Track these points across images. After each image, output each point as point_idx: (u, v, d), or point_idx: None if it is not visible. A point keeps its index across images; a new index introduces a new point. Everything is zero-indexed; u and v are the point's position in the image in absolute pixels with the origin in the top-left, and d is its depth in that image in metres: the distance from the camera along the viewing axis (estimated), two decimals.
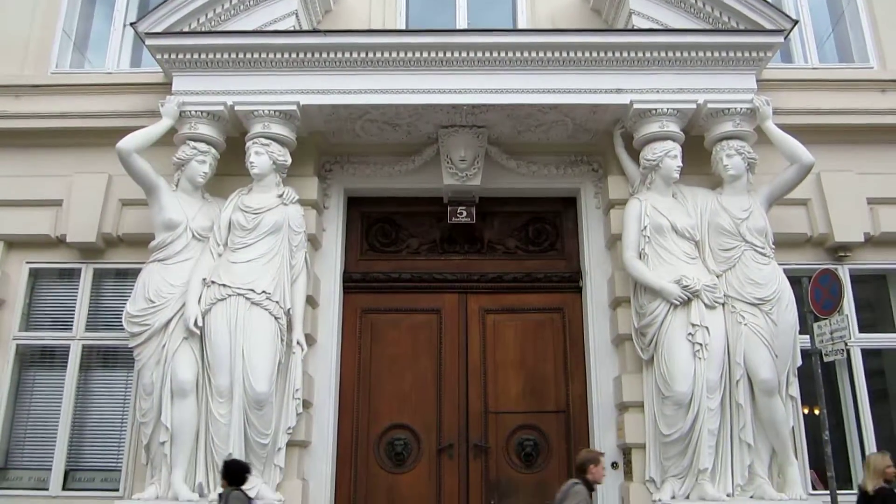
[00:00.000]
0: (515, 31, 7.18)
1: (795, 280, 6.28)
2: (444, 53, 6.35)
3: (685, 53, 6.40)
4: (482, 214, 7.16)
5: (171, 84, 6.54)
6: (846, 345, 6.05)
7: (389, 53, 6.36)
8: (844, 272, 6.80)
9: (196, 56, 6.44)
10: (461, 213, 7.04)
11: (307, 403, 6.40)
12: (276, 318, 6.03)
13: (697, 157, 6.57)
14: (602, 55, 6.38)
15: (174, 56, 6.47)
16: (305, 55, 6.39)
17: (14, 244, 7.00)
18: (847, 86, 7.14)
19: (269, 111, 6.38)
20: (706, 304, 5.96)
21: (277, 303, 6.04)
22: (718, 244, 6.23)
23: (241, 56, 6.40)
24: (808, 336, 6.20)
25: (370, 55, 6.36)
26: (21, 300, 6.93)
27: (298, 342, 6.19)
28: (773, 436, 5.91)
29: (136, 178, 6.29)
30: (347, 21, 7.37)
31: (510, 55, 6.35)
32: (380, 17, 7.51)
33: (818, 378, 6.04)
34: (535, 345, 6.95)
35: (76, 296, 6.92)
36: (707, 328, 5.90)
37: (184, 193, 6.37)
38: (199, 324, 5.92)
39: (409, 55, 6.36)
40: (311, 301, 6.61)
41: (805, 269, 6.57)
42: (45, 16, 7.58)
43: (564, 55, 6.36)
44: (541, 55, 6.35)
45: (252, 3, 6.68)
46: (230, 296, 5.95)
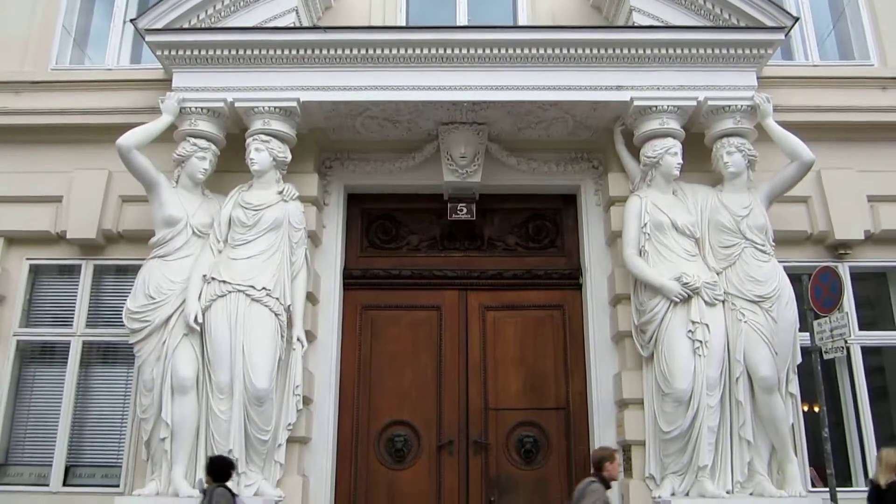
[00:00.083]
0: (516, 28, 7.17)
1: (795, 277, 6.28)
2: (445, 50, 6.34)
3: (686, 50, 6.39)
4: (482, 211, 7.17)
5: (172, 80, 6.54)
6: (846, 342, 6.06)
7: (390, 50, 6.35)
8: (844, 270, 6.80)
9: (196, 52, 6.44)
10: (461, 210, 7.04)
11: (307, 400, 6.41)
12: (277, 315, 6.04)
13: (698, 155, 6.57)
14: (603, 52, 6.37)
15: (174, 52, 6.47)
16: (306, 52, 6.38)
17: (14, 240, 7.00)
18: (848, 83, 7.13)
19: (270, 108, 6.38)
20: (706, 302, 5.96)
21: (278, 299, 6.05)
22: (719, 241, 6.23)
23: (242, 52, 6.40)
24: (808, 333, 6.21)
25: (370, 52, 6.35)
26: (21, 296, 6.93)
27: (299, 339, 6.20)
28: (773, 433, 5.92)
29: (137, 175, 6.30)
30: (348, 17, 7.37)
31: (511, 52, 6.34)
32: (380, 14, 7.51)
33: (818, 375, 6.06)
34: (536, 342, 6.95)
35: (76, 292, 6.93)
36: (707, 325, 5.91)
37: (184, 190, 6.37)
38: (200, 320, 5.92)
39: (410, 52, 6.36)
40: (312, 298, 6.61)
41: (805, 267, 6.57)
42: (45, 12, 7.58)
43: (565, 52, 6.36)
44: (541, 52, 6.35)
45: (252, 0, 6.67)
46: (230, 292, 5.96)
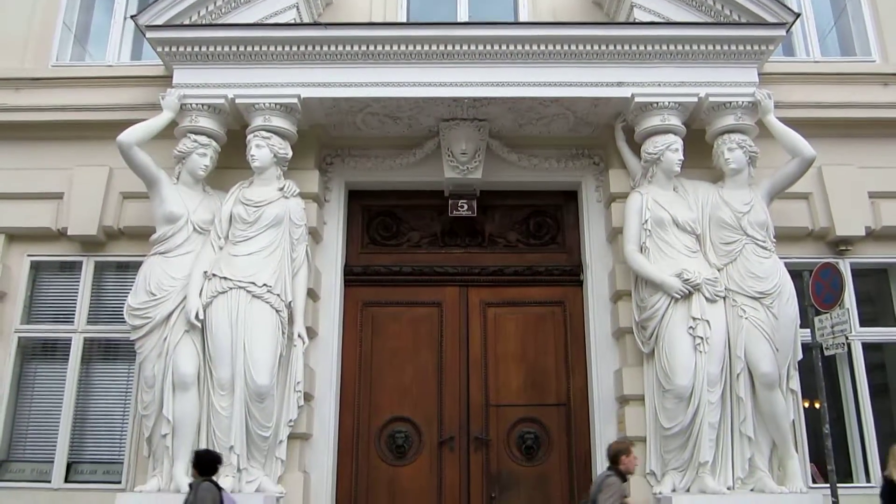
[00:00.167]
0: (517, 24, 7.16)
1: (796, 274, 6.29)
2: (446, 46, 6.34)
3: (687, 47, 6.39)
4: (483, 208, 7.17)
5: (172, 77, 6.54)
6: (847, 339, 6.05)
7: (390, 46, 6.35)
8: (845, 266, 6.79)
9: (197, 49, 6.43)
10: (462, 207, 7.04)
11: (308, 396, 6.41)
12: (278, 311, 6.04)
13: (699, 151, 6.56)
14: (603, 48, 6.37)
15: (175, 49, 6.46)
16: (306, 48, 6.38)
17: (15, 237, 7.00)
18: (849, 79, 7.12)
19: (270, 104, 6.38)
20: (707, 298, 5.96)
21: (278, 296, 6.05)
22: (719, 238, 6.23)
23: (242, 49, 6.39)
24: (809, 330, 6.21)
25: (371, 48, 6.35)
26: (22, 293, 6.93)
27: (300, 335, 6.21)
28: (774, 429, 5.92)
29: (137, 171, 6.29)
30: (348, 14, 7.36)
31: (511, 48, 6.34)
32: (381, 10, 7.50)
33: (819, 372, 6.07)
34: (536, 338, 6.95)
35: (77, 289, 6.93)
36: (708, 322, 5.91)
37: (185, 186, 6.37)
38: (201, 317, 5.93)
39: (411, 48, 6.35)
40: (312, 294, 6.61)
41: (806, 263, 6.57)
42: (46, 8, 7.57)
43: (566, 48, 6.35)
44: (542, 48, 6.34)
45: None
46: (231, 289, 5.96)
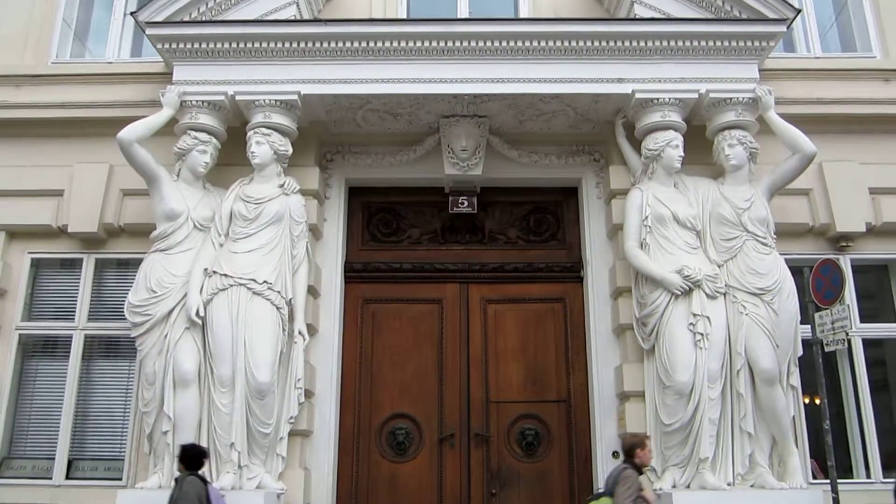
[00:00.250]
0: (517, 21, 7.16)
1: (797, 270, 6.28)
2: (446, 43, 6.33)
3: (687, 43, 6.38)
4: (483, 204, 7.16)
5: (172, 74, 6.53)
6: (847, 335, 6.04)
7: (390, 43, 6.34)
8: (846, 262, 6.79)
9: (197, 45, 6.42)
10: (462, 203, 7.04)
11: (309, 393, 6.41)
12: (278, 308, 6.04)
13: (699, 147, 6.56)
14: (604, 45, 6.36)
15: (175, 45, 6.45)
16: (306, 45, 6.37)
17: (16, 234, 7.00)
18: (850, 75, 7.11)
19: (270, 101, 6.37)
20: (707, 294, 5.96)
21: (279, 293, 6.05)
22: (720, 234, 6.22)
23: (242, 45, 6.39)
24: (810, 326, 6.21)
25: (371, 45, 6.34)
26: (23, 290, 6.94)
27: (300, 332, 6.20)
28: (774, 425, 5.92)
29: (138, 168, 6.29)
30: (348, 10, 7.35)
31: (512, 45, 6.33)
32: (381, 7, 7.49)
33: (819, 368, 6.06)
34: (537, 334, 6.96)
35: (78, 286, 6.93)
36: (708, 318, 5.91)
37: (185, 183, 6.36)
38: (201, 314, 5.93)
39: (411, 45, 6.34)
40: (313, 291, 6.62)
41: (807, 259, 6.57)
42: (45, 5, 7.55)
43: (566, 45, 6.34)
44: (542, 45, 6.34)
45: None
46: (232, 286, 5.96)
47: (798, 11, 6.67)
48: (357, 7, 7.41)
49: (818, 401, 6.17)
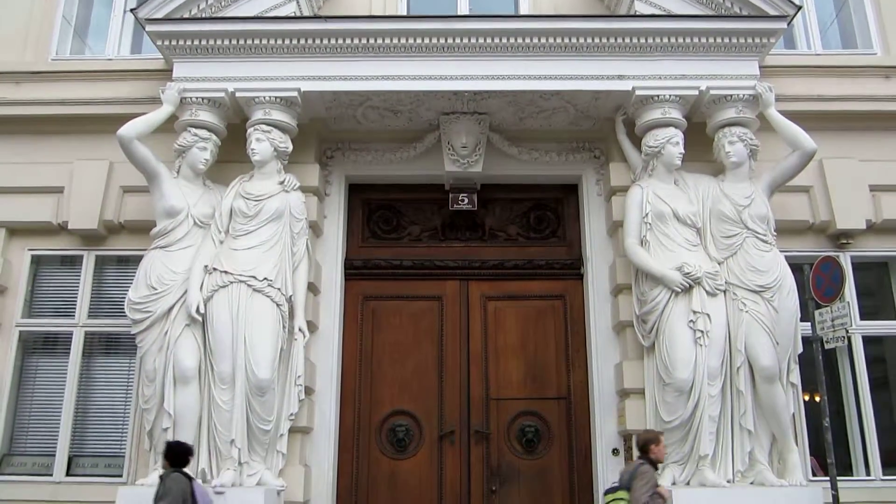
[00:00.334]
0: (517, 17, 7.14)
1: (797, 267, 6.28)
2: (446, 40, 6.32)
3: (688, 39, 6.37)
4: (483, 201, 7.16)
5: (172, 70, 6.52)
6: (847, 332, 6.04)
7: (391, 39, 6.33)
8: (846, 259, 6.79)
9: (197, 42, 6.42)
10: (462, 200, 7.03)
11: (309, 390, 6.41)
12: (278, 305, 6.05)
13: (699, 144, 6.56)
14: (604, 41, 6.35)
15: (175, 42, 6.45)
16: (306, 41, 6.36)
17: (16, 231, 7.00)
18: (850, 72, 7.11)
19: (270, 98, 6.37)
20: (707, 292, 5.96)
21: (279, 290, 6.05)
22: (720, 231, 6.22)
23: (242, 42, 6.38)
24: (810, 323, 6.21)
25: (371, 41, 6.33)
26: (23, 287, 6.94)
27: (300, 329, 6.20)
28: (774, 422, 5.93)
29: (138, 165, 6.29)
30: (348, 7, 7.34)
31: (512, 41, 6.32)
32: (380, 3, 7.48)
33: (819, 365, 6.06)
34: (537, 331, 6.96)
35: (78, 283, 6.94)
36: (708, 315, 5.91)
37: (185, 180, 6.36)
38: (201, 311, 5.94)
39: (411, 41, 6.33)
40: (313, 288, 6.61)
41: (807, 257, 6.56)
42: (45, 2, 7.54)
43: (567, 41, 6.33)
44: (543, 41, 6.33)
45: None
46: (232, 283, 5.96)
47: (799, 8, 6.67)
48: (357, 3, 7.40)
49: (818, 398, 6.17)
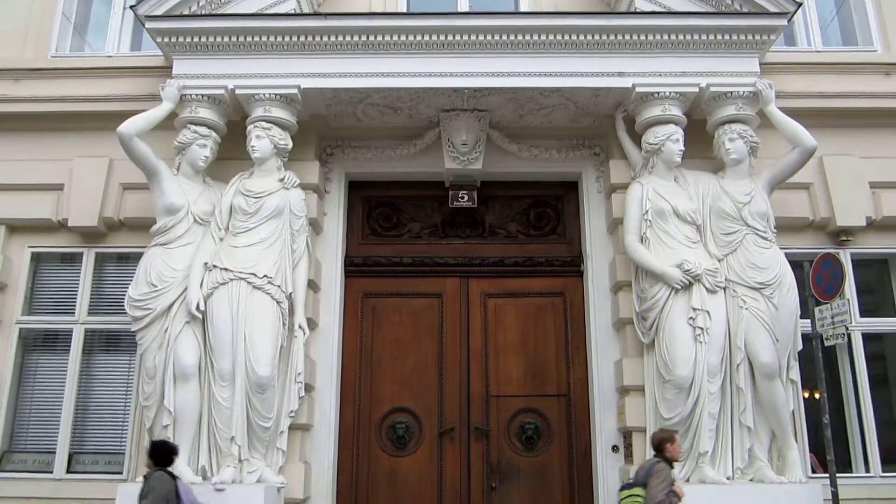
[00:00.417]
0: (518, 14, 7.13)
1: (797, 264, 6.28)
2: (446, 37, 6.31)
3: (688, 36, 6.36)
4: (483, 198, 7.16)
5: (172, 67, 6.52)
6: (847, 329, 6.04)
7: (391, 37, 6.32)
8: (846, 256, 6.79)
9: (196, 39, 6.41)
10: (462, 198, 7.03)
11: (309, 387, 6.42)
12: (278, 302, 6.05)
13: (700, 141, 6.55)
14: (605, 38, 6.35)
15: (174, 39, 6.44)
16: (306, 38, 6.36)
17: (16, 228, 7.00)
18: (851, 69, 7.10)
19: (270, 95, 6.37)
20: (707, 289, 5.96)
21: (279, 287, 6.05)
22: (720, 228, 6.22)
23: (242, 39, 6.37)
24: (810, 320, 6.21)
25: (371, 38, 6.33)
26: (23, 284, 6.94)
27: (300, 326, 6.21)
28: (774, 419, 5.93)
29: (138, 162, 6.29)
30: (348, 4, 7.32)
31: (512, 38, 6.31)
32: (380, 0, 7.47)
33: (819, 362, 6.07)
34: (537, 329, 6.96)
35: (78, 280, 6.94)
36: (708, 312, 5.91)
37: (185, 177, 6.36)
38: (202, 308, 5.94)
39: (411, 38, 6.33)
40: (313, 285, 6.61)
41: (807, 254, 6.57)
42: None
43: (567, 38, 6.33)
44: (543, 38, 6.32)
45: None
46: (232, 280, 5.96)
47: (799, 5, 6.65)
48: (357, 1, 7.39)
49: (818, 395, 6.17)
